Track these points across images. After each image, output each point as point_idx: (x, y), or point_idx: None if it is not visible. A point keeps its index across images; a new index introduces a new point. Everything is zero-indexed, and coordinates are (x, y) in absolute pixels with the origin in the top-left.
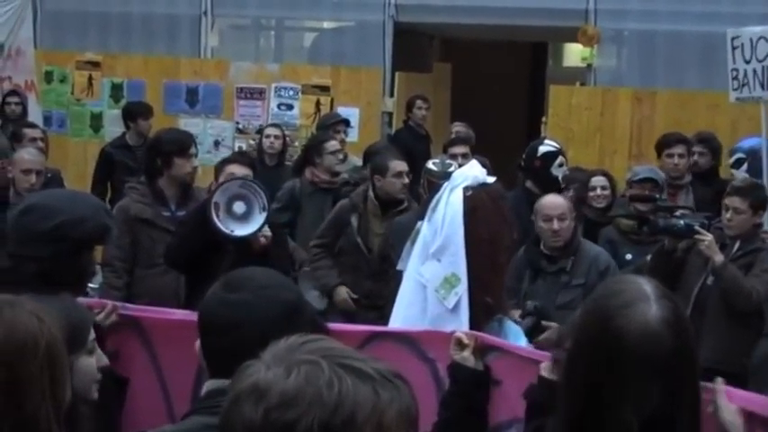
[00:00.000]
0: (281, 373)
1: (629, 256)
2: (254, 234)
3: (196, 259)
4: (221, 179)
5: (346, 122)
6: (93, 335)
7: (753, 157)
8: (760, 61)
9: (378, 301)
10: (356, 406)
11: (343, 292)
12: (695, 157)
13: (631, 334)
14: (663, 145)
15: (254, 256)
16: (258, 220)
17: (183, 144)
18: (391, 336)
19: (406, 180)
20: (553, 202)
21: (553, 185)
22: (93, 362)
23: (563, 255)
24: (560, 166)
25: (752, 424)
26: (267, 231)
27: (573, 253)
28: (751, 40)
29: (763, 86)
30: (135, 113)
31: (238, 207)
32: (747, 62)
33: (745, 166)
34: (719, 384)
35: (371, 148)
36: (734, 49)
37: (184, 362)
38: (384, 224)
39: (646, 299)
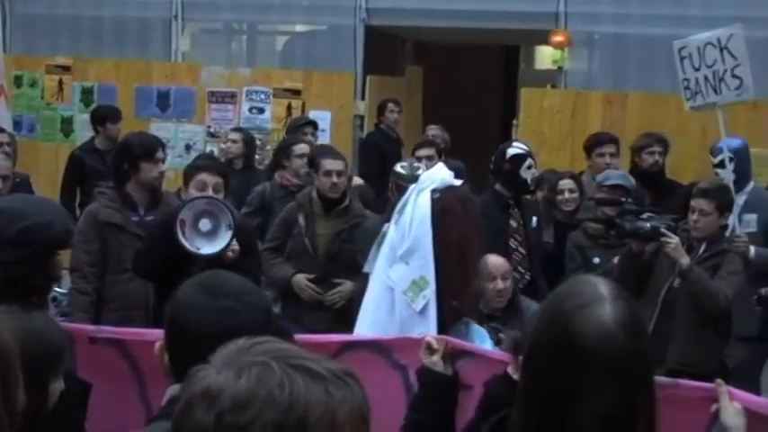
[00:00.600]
0: (231, 376)
1: (596, 260)
2: (221, 252)
3: (165, 268)
4: (191, 187)
5: (314, 125)
6: None
7: (740, 157)
8: (709, 67)
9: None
10: (308, 406)
11: (302, 279)
12: (656, 157)
13: (587, 335)
14: (593, 144)
15: (223, 266)
16: (225, 237)
17: (150, 148)
18: (364, 345)
19: (336, 179)
20: (496, 262)
21: (522, 188)
22: (58, 387)
23: (506, 314)
24: (529, 168)
25: (753, 424)
26: (235, 245)
27: (515, 312)
28: (698, 48)
29: (716, 91)
30: (103, 117)
31: (204, 224)
32: (697, 70)
33: (732, 166)
34: (722, 385)
35: (316, 150)
36: (682, 59)
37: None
38: (329, 224)
39: (601, 300)
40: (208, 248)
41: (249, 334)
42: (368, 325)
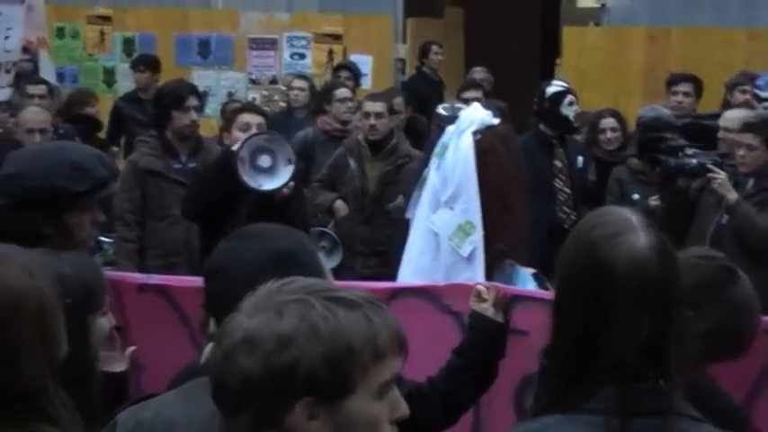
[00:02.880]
0: (271, 316)
1: (636, 196)
2: (283, 187)
3: (213, 210)
4: (235, 129)
5: (349, 68)
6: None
7: None
8: None
9: (376, 246)
10: (352, 334)
11: (342, 206)
12: (747, 96)
13: (620, 264)
14: (670, 83)
15: (274, 206)
16: (285, 172)
17: (178, 96)
18: (413, 292)
19: (374, 121)
20: None
21: (565, 125)
22: (106, 322)
23: None
24: (570, 104)
25: None
26: (291, 183)
27: None
28: None
29: None
30: (133, 67)
31: (264, 161)
32: None
33: None
34: None
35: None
36: None
37: None
38: (376, 165)
39: (632, 228)
40: (269, 184)
41: (249, 271)
42: (411, 271)
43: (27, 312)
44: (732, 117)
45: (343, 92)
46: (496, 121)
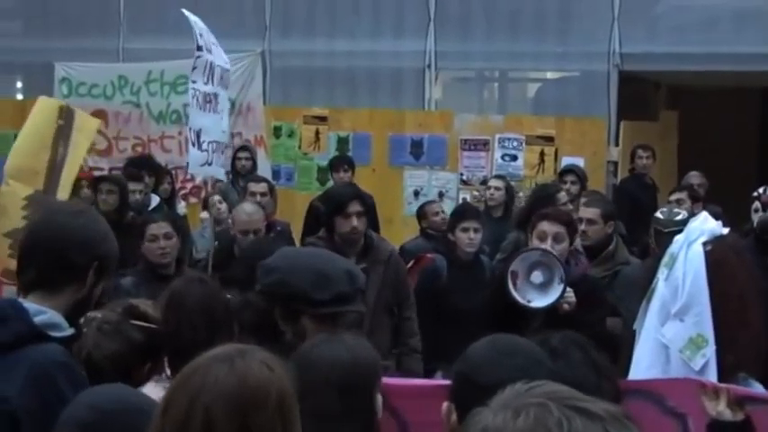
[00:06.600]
0: (509, 416)
1: None
2: (550, 306)
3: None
4: (534, 237)
5: (575, 173)
6: None
7: None
8: None
9: None
10: None
11: None
12: None
13: None
14: None
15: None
16: (556, 290)
17: (339, 203)
18: (636, 393)
19: (585, 227)
20: None
21: (753, 231)
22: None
23: None
24: (755, 211)
25: None
26: (571, 297)
27: None
28: None
29: None
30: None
31: (536, 276)
32: None
33: None
34: None
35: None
36: None
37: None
38: (594, 270)
39: None
40: (539, 301)
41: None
42: None
43: (269, 404)
44: None
45: (563, 196)
46: (726, 230)
